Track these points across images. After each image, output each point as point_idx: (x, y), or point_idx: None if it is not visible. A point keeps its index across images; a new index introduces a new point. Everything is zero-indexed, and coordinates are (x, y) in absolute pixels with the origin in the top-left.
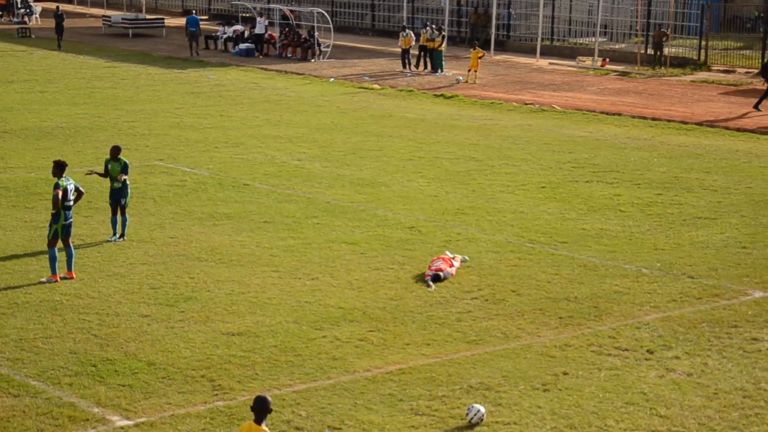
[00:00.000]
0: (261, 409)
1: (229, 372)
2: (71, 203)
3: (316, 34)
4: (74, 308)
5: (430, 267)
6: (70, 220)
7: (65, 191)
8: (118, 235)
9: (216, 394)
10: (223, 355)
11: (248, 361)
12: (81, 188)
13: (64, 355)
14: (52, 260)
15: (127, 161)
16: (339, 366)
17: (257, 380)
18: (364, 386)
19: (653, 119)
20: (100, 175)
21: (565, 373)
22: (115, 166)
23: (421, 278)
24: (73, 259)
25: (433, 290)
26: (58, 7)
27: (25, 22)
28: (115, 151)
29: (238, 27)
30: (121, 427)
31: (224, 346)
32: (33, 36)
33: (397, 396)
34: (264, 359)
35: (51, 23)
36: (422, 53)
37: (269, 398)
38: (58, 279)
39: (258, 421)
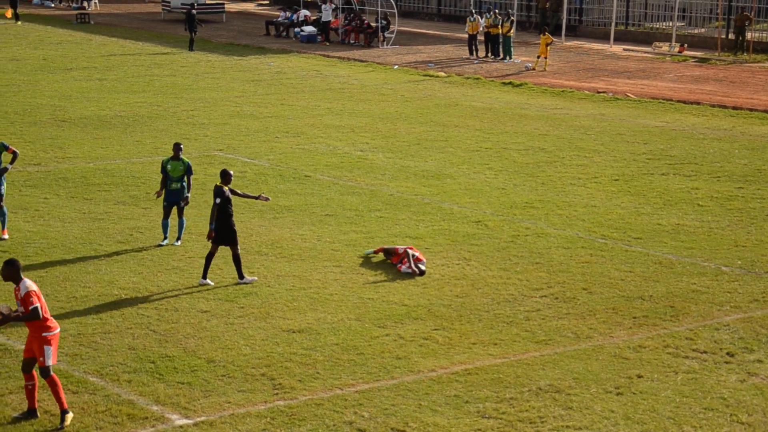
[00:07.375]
0: None
1: (290, 370)
2: None
3: (381, 21)
4: (133, 303)
5: (404, 259)
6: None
7: None
8: (176, 239)
9: (276, 393)
10: (283, 353)
11: (309, 359)
12: (15, 149)
13: (123, 351)
14: None
15: (189, 161)
16: (403, 365)
17: (319, 379)
18: (429, 387)
19: (734, 108)
20: (161, 189)
21: (639, 376)
22: (176, 166)
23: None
24: (6, 218)
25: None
26: (193, 4)
27: (84, 8)
28: (177, 148)
29: (305, 12)
30: (180, 426)
31: (285, 343)
32: (92, 22)
33: (463, 397)
34: (325, 357)
35: (110, 8)
36: (487, 40)
37: None
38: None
39: None
